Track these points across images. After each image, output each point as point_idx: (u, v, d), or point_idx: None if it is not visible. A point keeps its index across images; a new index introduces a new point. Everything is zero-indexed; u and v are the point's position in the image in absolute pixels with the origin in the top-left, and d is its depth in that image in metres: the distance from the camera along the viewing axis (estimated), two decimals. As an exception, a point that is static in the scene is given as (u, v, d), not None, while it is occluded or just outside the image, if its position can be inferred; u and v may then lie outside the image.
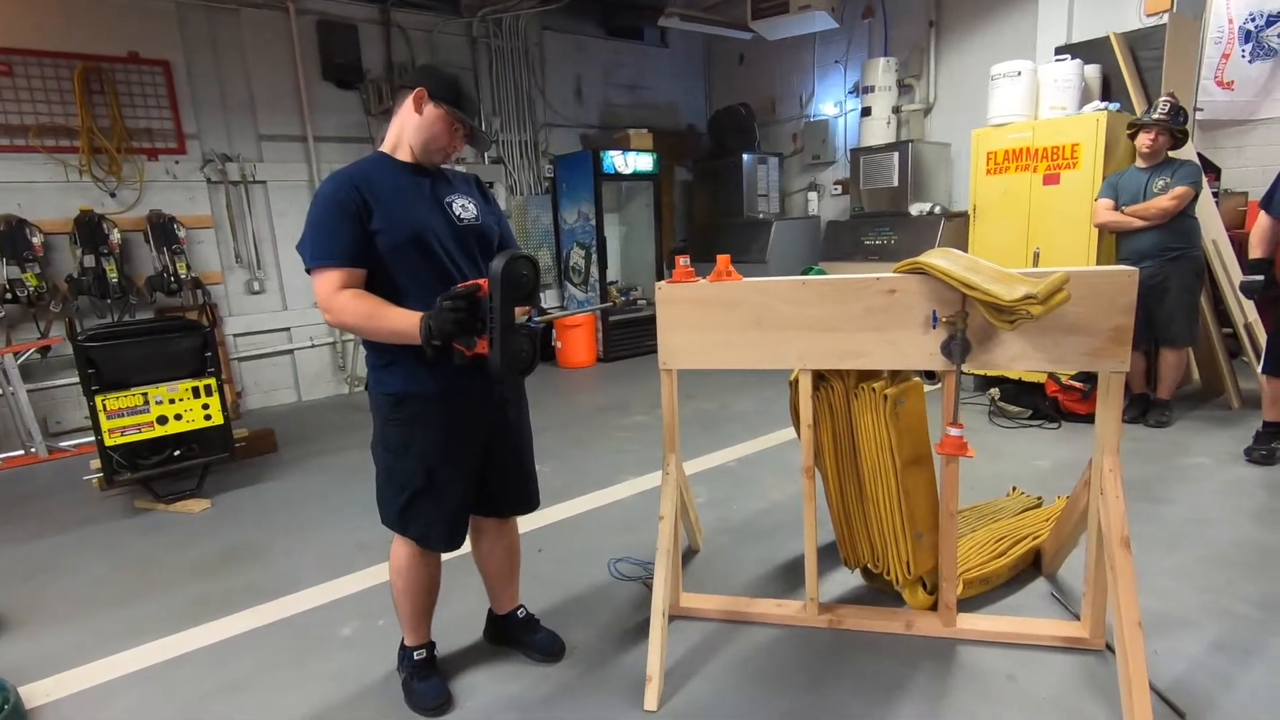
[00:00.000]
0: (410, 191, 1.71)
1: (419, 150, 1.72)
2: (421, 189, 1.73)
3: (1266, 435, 3.27)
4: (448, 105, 1.69)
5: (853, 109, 6.49)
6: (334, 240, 1.61)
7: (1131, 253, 3.76)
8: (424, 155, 1.73)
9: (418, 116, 1.70)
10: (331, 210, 1.62)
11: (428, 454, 1.73)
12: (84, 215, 4.50)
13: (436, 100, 1.68)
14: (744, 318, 1.99)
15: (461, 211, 1.77)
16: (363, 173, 1.68)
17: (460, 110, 1.71)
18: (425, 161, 1.75)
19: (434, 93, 1.68)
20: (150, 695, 2.05)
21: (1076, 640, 1.99)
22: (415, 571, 1.86)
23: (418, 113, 1.69)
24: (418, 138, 1.71)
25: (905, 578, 2.09)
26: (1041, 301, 1.49)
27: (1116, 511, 1.74)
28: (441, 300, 1.55)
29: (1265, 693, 1.78)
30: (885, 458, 2.03)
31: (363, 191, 1.63)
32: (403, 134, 1.73)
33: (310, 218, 1.65)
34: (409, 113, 1.70)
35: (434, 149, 1.73)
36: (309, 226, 1.65)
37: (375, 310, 1.61)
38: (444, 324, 1.53)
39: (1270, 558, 2.43)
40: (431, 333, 1.54)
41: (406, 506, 1.77)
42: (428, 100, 1.68)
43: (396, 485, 1.77)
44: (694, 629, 2.20)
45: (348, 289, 1.62)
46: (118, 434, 3.23)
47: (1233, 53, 5.87)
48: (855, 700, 1.84)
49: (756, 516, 3.01)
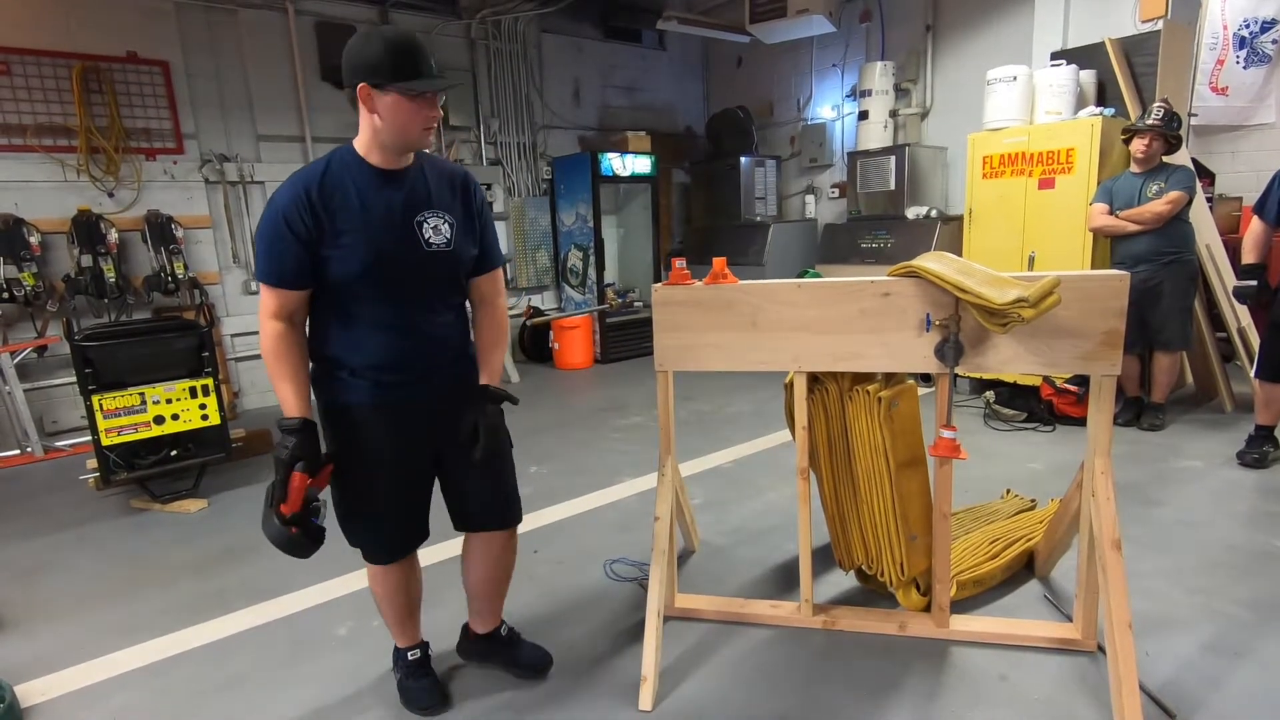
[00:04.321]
0: (376, 211, 1.54)
1: (396, 148, 1.54)
2: (391, 206, 1.56)
3: (1259, 439, 3.29)
4: (395, 86, 1.45)
5: (850, 112, 6.51)
6: (273, 260, 1.51)
7: (1126, 257, 3.79)
8: (405, 148, 1.55)
9: (374, 117, 1.49)
10: (277, 228, 1.49)
11: (357, 466, 1.66)
12: (81, 215, 4.50)
13: (382, 87, 1.45)
14: (739, 320, 2.01)
15: (433, 235, 1.59)
16: (323, 183, 1.51)
17: (411, 82, 1.45)
18: (408, 150, 1.57)
19: (375, 81, 1.45)
20: (146, 694, 2.05)
21: (1068, 641, 2.00)
22: (386, 579, 1.82)
23: (372, 112, 1.48)
24: (388, 136, 1.51)
25: (899, 579, 2.10)
26: (1033, 305, 1.51)
27: (1108, 513, 1.76)
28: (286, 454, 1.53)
29: (1254, 693, 1.80)
30: (879, 460, 2.04)
31: (317, 210, 1.49)
32: (372, 136, 1.53)
33: (260, 226, 1.55)
34: (366, 117, 1.50)
35: (411, 137, 1.52)
36: (257, 234, 1.57)
37: (277, 369, 1.56)
38: (277, 469, 1.53)
39: (1261, 560, 2.45)
40: (277, 445, 1.55)
41: (345, 519, 1.74)
42: (373, 93, 1.46)
43: (335, 497, 1.72)
44: (689, 630, 2.21)
45: (280, 317, 1.54)
46: (114, 434, 3.23)
47: (1227, 59, 5.91)
48: (848, 701, 1.85)
49: (752, 518, 3.02)
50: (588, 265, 6.61)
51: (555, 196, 6.81)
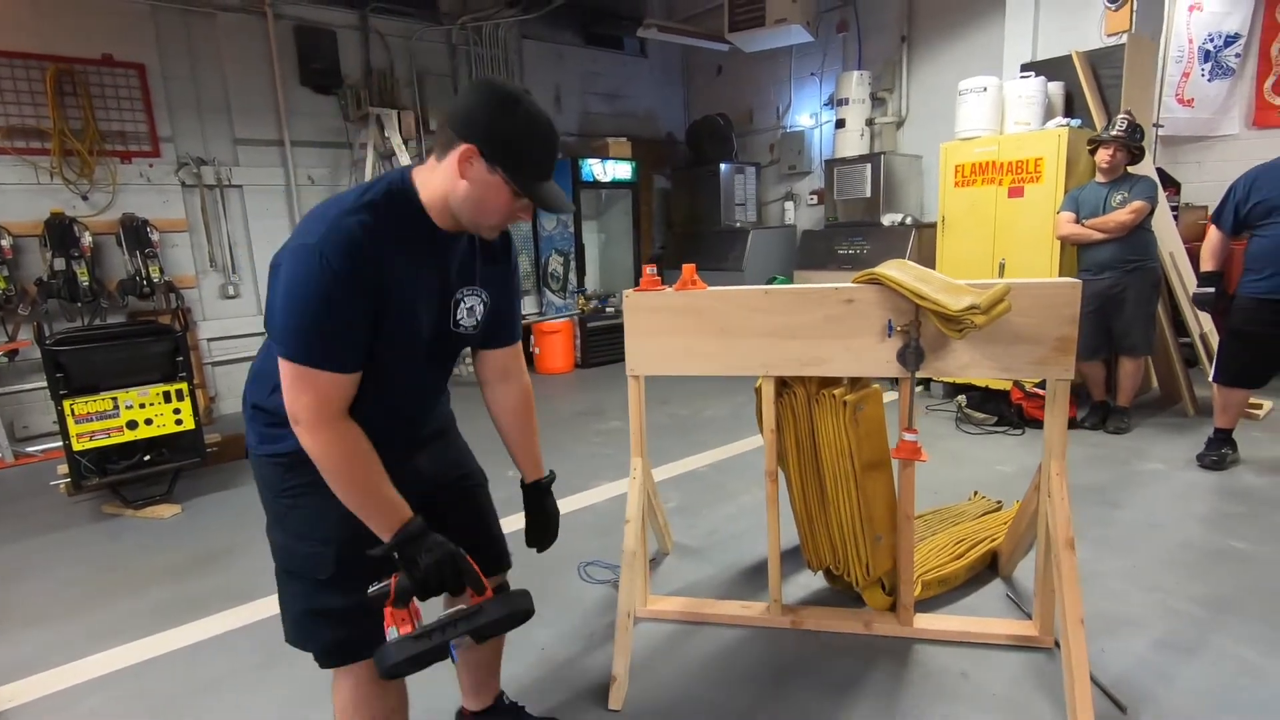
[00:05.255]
0: (424, 282, 1.27)
1: (466, 222, 1.25)
2: (444, 276, 1.30)
3: (1217, 441, 3.39)
4: (507, 172, 1.18)
5: (828, 120, 6.61)
6: (332, 340, 1.15)
7: (1092, 264, 3.89)
8: (468, 228, 1.27)
9: (463, 183, 1.19)
10: (337, 294, 1.12)
11: (336, 530, 1.27)
12: (55, 218, 4.45)
13: (491, 163, 1.17)
14: (708, 325, 2.05)
15: (465, 316, 1.36)
16: (384, 239, 1.17)
17: (527, 180, 1.20)
18: (469, 230, 1.28)
19: (488, 152, 1.16)
20: (118, 698, 2.05)
21: (1027, 639, 2.06)
22: (368, 707, 1.40)
23: (463, 178, 1.18)
24: (464, 209, 1.22)
25: (864, 579, 2.15)
26: (984, 311, 1.56)
27: (1062, 514, 1.82)
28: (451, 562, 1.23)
29: (1203, 688, 1.86)
30: (845, 462, 2.09)
31: (381, 274, 1.16)
32: (446, 196, 1.22)
33: (300, 285, 1.12)
34: (452, 173, 1.19)
35: (485, 224, 1.26)
36: (297, 298, 1.12)
37: (367, 479, 1.21)
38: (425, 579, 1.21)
39: (1216, 559, 2.53)
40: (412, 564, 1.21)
41: (312, 606, 1.33)
42: (478, 160, 1.17)
43: (302, 576, 1.32)
44: (660, 630, 2.24)
45: (344, 412, 1.19)
46: (86, 438, 3.21)
47: (1193, 71, 6.08)
48: (813, 698, 1.90)
49: (726, 521, 3.06)
50: (568, 270, 6.64)
51: (536, 201, 6.83)
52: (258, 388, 1.33)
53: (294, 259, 1.13)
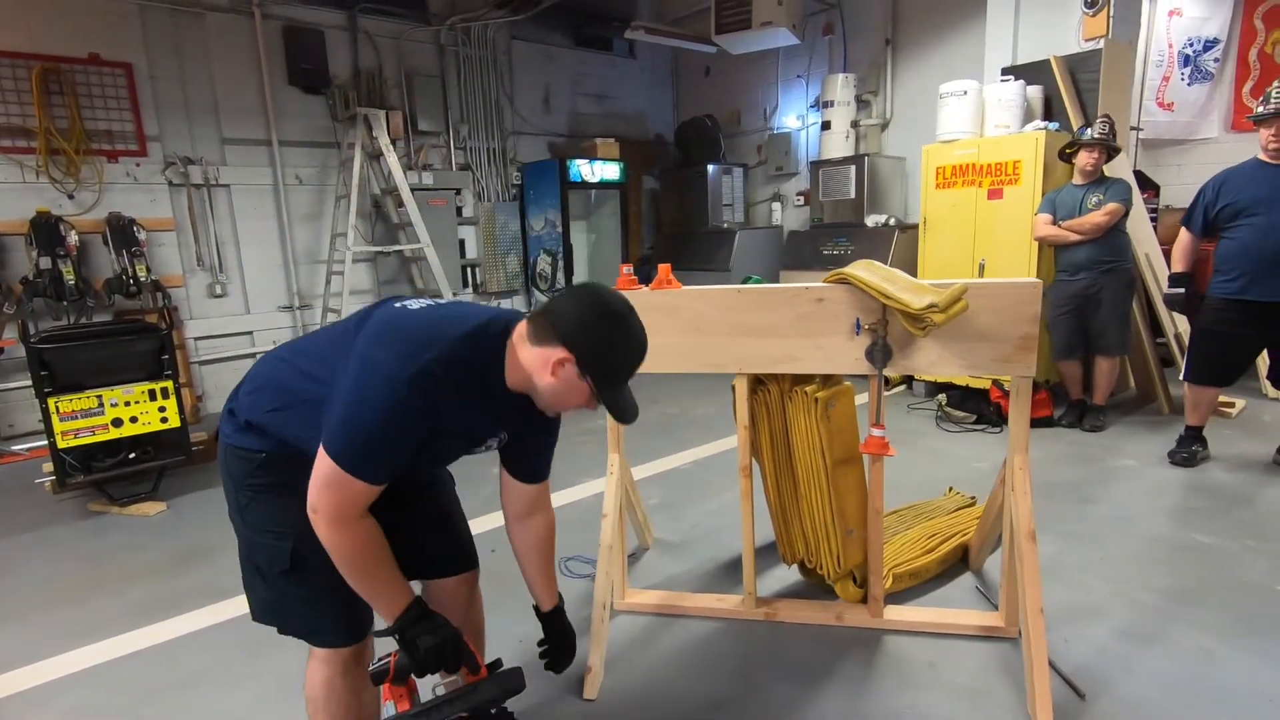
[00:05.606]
0: (478, 423, 1.39)
1: (542, 405, 1.36)
2: (495, 421, 1.41)
3: (1188, 439, 3.46)
4: (595, 383, 1.29)
5: (814, 122, 6.67)
6: (381, 458, 1.22)
7: (1068, 265, 3.96)
8: (542, 407, 1.37)
9: (552, 380, 1.28)
10: (400, 425, 1.21)
11: (293, 526, 1.30)
12: (40, 217, 4.45)
13: (583, 373, 1.27)
14: (683, 324, 2.09)
15: (495, 443, 1.46)
16: (459, 390, 1.25)
17: (610, 391, 1.32)
18: (541, 407, 1.38)
19: (584, 364, 1.26)
20: (97, 693, 2.07)
21: (994, 629, 2.11)
22: (336, 700, 1.44)
23: (553, 376, 1.27)
24: (543, 396, 1.32)
25: (836, 571, 2.20)
26: (943, 310, 1.61)
27: (1024, 507, 1.87)
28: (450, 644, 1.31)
29: (1160, 676, 1.92)
30: (817, 458, 2.14)
31: (442, 417, 1.26)
32: (530, 378, 1.31)
33: (370, 405, 1.19)
34: (543, 365, 1.27)
35: (558, 410, 1.39)
36: (363, 415, 1.19)
37: (379, 570, 1.28)
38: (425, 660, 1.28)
39: (1180, 552, 2.59)
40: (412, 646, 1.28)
41: (276, 594, 1.39)
42: (571, 366, 1.26)
43: (261, 567, 1.38)
44: (637, 623, 2.28)
45: (364, 515, 1.25)
46: (71, 436, 3.22)
47: (1172, 75, 6.17)
48: (784, 687, 1.94)
49: (706, 517, 3.11)
50: (557, 270, 6.68)
51: (525, 202, 6.87)
52: (253, 399, 1.37)
53: (380, 382, 1.19)
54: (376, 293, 6.15)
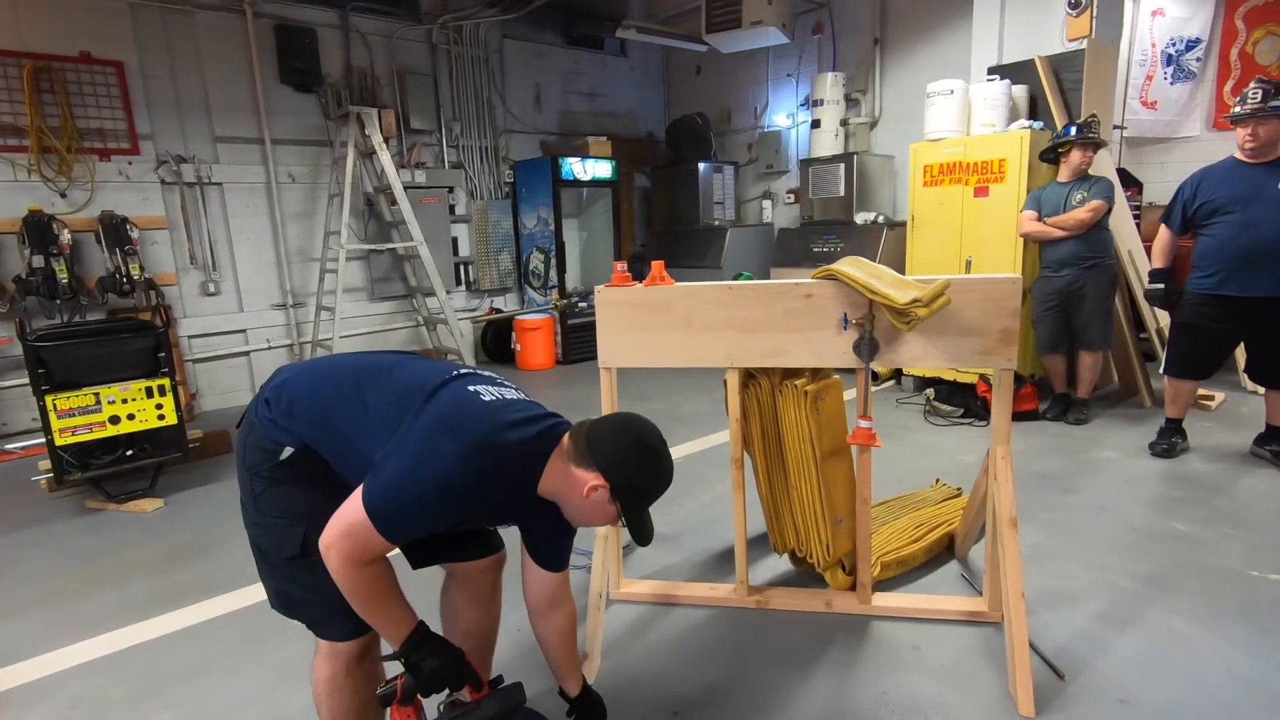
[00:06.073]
0: (503, 512, 1.49)
1: (567, 516, 1.47)
2: (514, 515, 1.52)
3: (1168, 431, 3.54)
4: (624, 509, 1.40)
5: (804, 121, 6.73)
6: (412, 527, 1.31)
7: (1052, 261, 4.04)
8: (567, 517, 1.48)
9: (583, 500, 1.38)
10: (439, 509, 1.30)
11: (305, 513, 1.37)
12: (33, 215, 4.46)
13: (615, 499, 1.38)
14: (676, 320, 2.15)
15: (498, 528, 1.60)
16: (500, 491, 1.36)
17: (636, 516, 1.42)
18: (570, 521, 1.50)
19: (617, 492, 1.37)
20: (101, 684, 2.10)
21: (977, 614, 2.18)
22: (339, 695, 1.48)
23: (586, 498, 1.38)
24: (573, 514, 1.45)
25: (826, 560, 2.26)
26: (926, 304, 1.68)
27: (1005, 494, 1.94)
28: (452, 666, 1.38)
29: (1136, 657, 1.99)
30: (807, 449, 2.20)
31: (480, 508, 1.39)
32: (561, 494, 1.42)
33: (419, 479, 1.26)
34: (577, 486, 1.38)
35: (583, 523, 1.49)
36: (409, 484, 1.26)
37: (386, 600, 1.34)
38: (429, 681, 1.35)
39: (1158, 540, 2.67)
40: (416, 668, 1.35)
41: (283, 581, 1.43)
42: (605, 491, 1.36)
43: (269, 553, 1.43)
44: (632, 612, 2.34)
45: (378, 560, 1.32)
46: (68, 433, 3.24)
47: (1156, 75, 6.28)
48: (775, 672, 2.00)
49: (698, 510, 3.16)
50: (549, 268, 6.72)
51: (517, 200, 6.91)
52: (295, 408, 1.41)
53: (437, 463, 1.27)
54: (370, 291, 6.18)
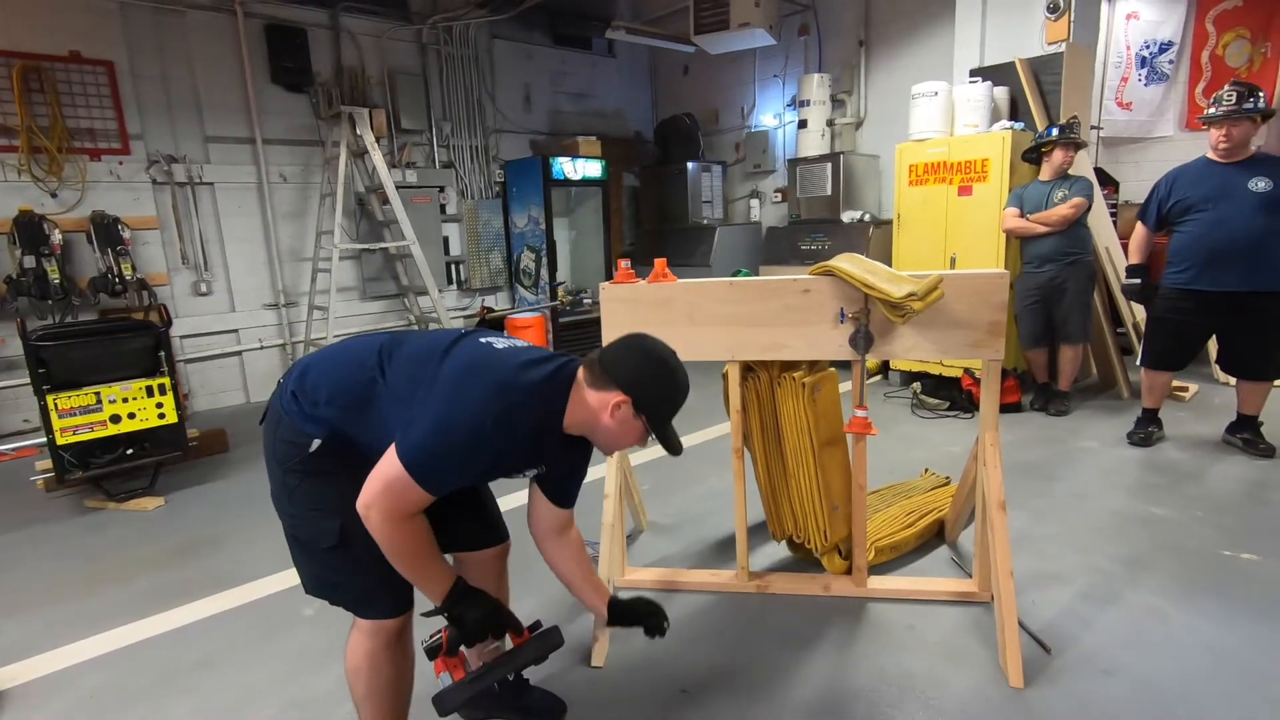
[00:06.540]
0: (529, 457, 1.51)
1: (597, 444, 1.53)
2: (542, 457, 1.55)
3: (1145, 420, 3.68)
4: (650, 419, 1.45)
5: (791, 121, 6.84)
6: (450, 476, 1.36)
7: (1034, 256, 4.17)
8: (598, 447, 1.55)
9: (611, 421, 1.43)
10: (474, 454, 1.34)
11: (341, 504, 1.40)
12: (23, 215, 4.43)
13: (639, 413, 1.43)
14: (678, 315, 2.22)
15: (531, 472, 1.60)
16: (529, 431, 1.39)
17: (662, 428, 1.47)
18: (600, 450, 1.58)
19: (639, 406, 1.43)
20: (118, 675, 2.15)
21: (968, 594, 2.29)
22: (378, 670, 1.54)
23: (611, 418, 1.42)
24: (601, 437, 1.49)
25: (823, 545, 2.35)
26: (921, 298, 1.77)
27: (995, 479, 2.04)
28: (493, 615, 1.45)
29: (1118, 632, 2.11)
30: (804, 439, 2.29)
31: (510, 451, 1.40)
32: (587, 422, 1.46)
33: (451, 428, 1.31)
34: (601, 409, 1.43)
35: (612, 449, 1.56)
36: (443, 435, 1.31)
37: (427, 557, 1.40)
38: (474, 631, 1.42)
39: (1137, 524, 2.80)
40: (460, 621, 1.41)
41: (323, 569, 1.49)
42: (628, 408, 1.42)
43: (308, 544, 1.48)
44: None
45: (418, 516, 1.37)
46: (70, 433, 3.26)
47: (1130, 76, 6.45)
48: (776, 651, 2.09)
49: (696, 501, 3.25)
50: (540, 266, 6.77)
51: (508, 199, 6.95)
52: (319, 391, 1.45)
53: (466, 412, 1.32)
54: (362, 290, 6.19)
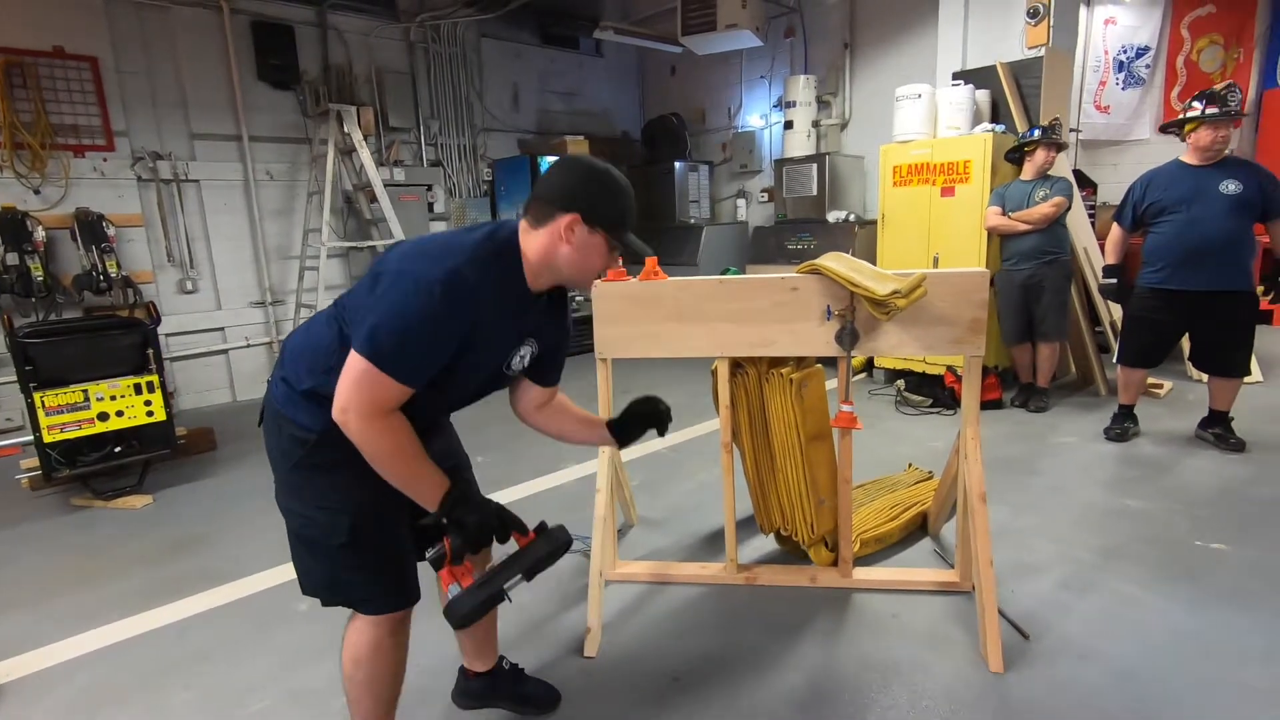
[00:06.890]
0: (506, 333, 1.44)
1: (568, 281, 1.47)
2: (519, 329, 1.48)
3: (1120, 416, 3.78)
4: (606, 230, 1.39)
5: (777, 122, 6.92)
6: (417, 359, 1.28)
7: (1014, 254, 4.27)
8: (571, 284, 1.50)
9: (568, 247, 1.38)
10: (435, 327, 1.27)
11: (351, 499, 1.39)
12: (6, 212, 4.40)
13: (592, 227, 1.38)
14: (668, 312, 2.27)
15: (518, 363, 1.52)
16: (489, 293, 1.33)
17: (621, 234, 1.42)
18: (571, 287, 1.53)
19: (590, 219, 1.37)
20: (112, 670, 2.16)
21: (950, 584, 2.35)
22: (382, 659, 1.53)
23: (567, 244, 1.38)
24: (567, 268, 1.41)
25: (810, 538, 2.41)
26: (904, 295, 1.82)
27: (975, 472, 2.10)
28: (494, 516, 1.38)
29: (1094, 619, 2.18)
30: (792, 434, 2.34)
31: (475, 323, 1.32)
32: (546, 258, 1.40)
33: (404, 306, 1.25)
34: (555, 239, 1.38)
35: (587, 278, 1.50)
36: (396, 315, 1.25)
37: (414, 460, 1.33)
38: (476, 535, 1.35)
39: (1113, 516, 2.88)
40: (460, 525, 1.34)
41: (329, 567, 1.46)
42: (580, 226, 1.37)
43: (315, 541, 1.45)
44: (628, 591, 2.46)
45: (395, 412, 1.30)
46: (57, 430, 3.24)
47: (1108, 80, 6.59)
48: (765, 640, 2.14)
49: (685, 496, 3.30)
50: (528, 265, 6.78)
51: (496, 198, 6.96)
52: (299, 365, 1.41)
53: (412, 285, 1.26)
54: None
